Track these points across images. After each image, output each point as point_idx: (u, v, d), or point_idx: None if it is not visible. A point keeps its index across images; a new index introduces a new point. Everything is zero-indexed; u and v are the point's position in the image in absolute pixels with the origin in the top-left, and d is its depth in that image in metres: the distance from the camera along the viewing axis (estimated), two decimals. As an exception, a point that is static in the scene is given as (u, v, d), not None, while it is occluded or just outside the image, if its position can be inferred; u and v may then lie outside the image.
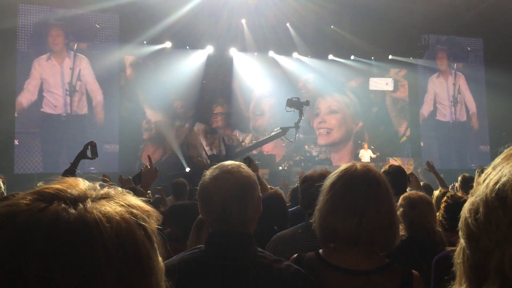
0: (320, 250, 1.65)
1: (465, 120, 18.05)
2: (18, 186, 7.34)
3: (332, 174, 1.67)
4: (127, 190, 0.69)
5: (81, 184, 0.66)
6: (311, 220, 1.67)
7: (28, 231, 0.57)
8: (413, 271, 1.61)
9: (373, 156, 15.64)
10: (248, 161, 4.61)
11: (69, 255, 0.57)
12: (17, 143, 13.42)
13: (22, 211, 0.59)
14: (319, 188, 1.68)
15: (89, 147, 2.97)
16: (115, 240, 0.60)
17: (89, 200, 0.63)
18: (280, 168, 14.92)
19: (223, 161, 1.70)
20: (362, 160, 15.45)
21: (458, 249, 0.74)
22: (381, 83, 17.49)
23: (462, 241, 0.73)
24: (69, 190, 0.64)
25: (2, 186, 4.50)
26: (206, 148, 15.59)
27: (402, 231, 2.61)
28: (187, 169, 13.92)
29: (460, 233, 0.73)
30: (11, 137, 13.26)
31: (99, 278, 0.57)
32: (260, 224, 3.25)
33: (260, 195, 1.64)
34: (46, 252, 0.56)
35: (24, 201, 0.61)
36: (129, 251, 0.60)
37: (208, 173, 1.60)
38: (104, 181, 0.71)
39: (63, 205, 0.61)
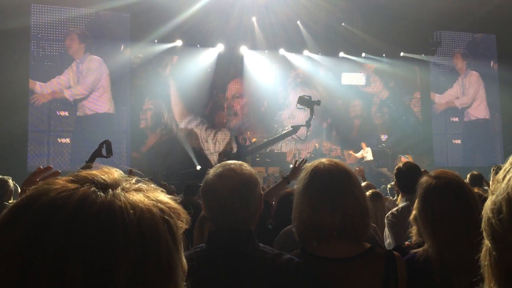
0: (304, 246, 1.70)
1: (480, 117, 17.88)
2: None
3: (303, 174, 1.74)
4: (161, 189, 0.70)
5: (116, 173, 0.69)
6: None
7: (55, 207, 0.60)
8: (394, 252, 1.69)
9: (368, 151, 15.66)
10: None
11: (88, 234, 0.58)
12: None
13: (55, 189, 0.63)
14: None
15: (104, 145, 3.00)
16: (137, 228, 0.61)
17: (120, 188, 0.66)
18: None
19: (234, 159, 1.74)
20: (366, 159, 15.42)
21: (483, 250, 0.72)
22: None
23: (487, 242, 0.71)
24: (103, 176, 0.66)
25: (11, 185, 4.53)
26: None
27: (416, 235, 2.58)
28: (198, 167, 13.99)
29: (484, 234, 0.71)
30: (25, 135, 13.41)
31: (115, 261, 0.58)
32: (277, 220, 3.27)
33: (262, 192, 1.67)
34: (67, 229, 0.58)
35: (60, 181, 0.65)
36: (149, 241, 0.61)
37: (212, 170, 1.65)
38: (130, 174, 0.73)
39: (93, 188, 0.63)
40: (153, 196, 0.67)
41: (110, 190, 0.64)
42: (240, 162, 1.67)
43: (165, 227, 0.64)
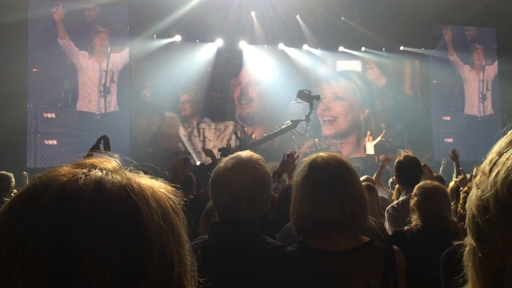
0: (302, 240, 1.70)
1: (479, 114, 17.90)
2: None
3: (301, 167, 1.73)
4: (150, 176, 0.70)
5: (114, 161, 0.67)
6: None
7: (72, 192, 0.57)
8: (394, 247, 1.69)
9: (378, 139, 15.64)
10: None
11: (117, 217, 0.57)
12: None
13: (64, 175, 0.59)
14: None
15: (102, 141, 2.97)
16: (156, 207, 0.61)
17: (126, 172, 0.65)
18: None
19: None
20: (367, 152, 15.46)
21: (467, 249, 0.66)
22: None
23: (471, 240, 0.64)
24: (105, 164, 0.65)
25: (13, 181, 4.55)
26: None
27: (416, 220, 2.59)
28: (198, 163, 13.98)
29: (468, 232, 0.65)
30: (23, 130, 13.37)
31: (146, 241, 0.58)
32: (279, 214, 3.26)
33: (272, 192, 1.64)
34: (93, 214, 0.55)
35: (64, 168, 0.62)
36: (166, 218, 0.62)
37: (224, 162, 1.60)
38: None
39: (105, 171, 0.62)
40: (151, 180, 0.67)
41: (120, 172, 0.63)
42: (256, 157, 1.62)
43: (171, 205, 0.65)
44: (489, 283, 0.62)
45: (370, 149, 15.59)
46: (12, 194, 4.24)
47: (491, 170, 0.62)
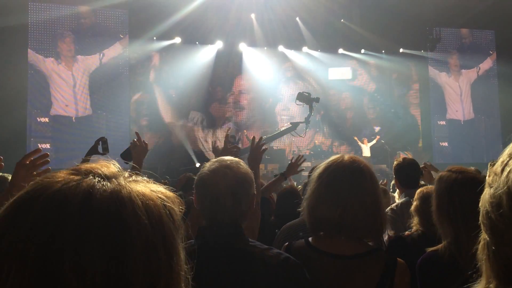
0: (310, 238, 1.72)
1: (474, 117, 17.88)
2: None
3: (321, 164, 1.74)
4: (152, 180, 0.71)
5: (113, 167, 0.69)
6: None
7: (63, 199, 0.59)
8: (398, 259, 1.66)
9: (374, 142, 15.64)
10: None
11: (102, 224, 0.58)
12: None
13: (58, 181, 0.62)
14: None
15: (100, 142, 2.94)
16: (145, 215, 0.62)
17: (122, 178, 0.66)
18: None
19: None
20: (364, 155, 15.45)
21: (481, 244, 0.71)
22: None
23: (485, 235, 0.69)
24: (102, 169, 0.66)
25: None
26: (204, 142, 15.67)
27: (416, 225, 2.59)
28: (197, 164, 13.98)
29: (482, 227, 0.70)
30: (23, 133, 13.36)
31: (131, 250, 0.59)
32: (277, 218, 3.25)
33: (255, 192, 1.67)
34: (81, 220, 0.57)
35: (61, 174, 0.64)
36: (156, 227, 0.63)
37: (207, 165, 1.65)
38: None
39: (97, 178, 0.64)
40: (150, 186, 0.68)
41: (114, 180, 0.64)
42: (237, 159, 1.67)
43: (166, 212, 0.66)
44: (502, 273, 0.67)
45: (366, 151, 15.55)
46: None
47: (502, 170, 0.68)
